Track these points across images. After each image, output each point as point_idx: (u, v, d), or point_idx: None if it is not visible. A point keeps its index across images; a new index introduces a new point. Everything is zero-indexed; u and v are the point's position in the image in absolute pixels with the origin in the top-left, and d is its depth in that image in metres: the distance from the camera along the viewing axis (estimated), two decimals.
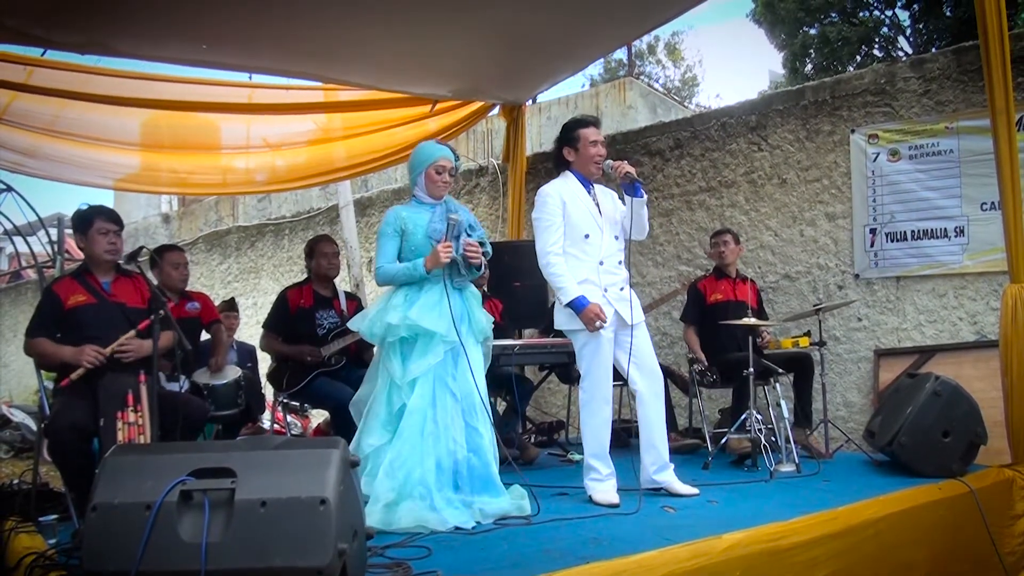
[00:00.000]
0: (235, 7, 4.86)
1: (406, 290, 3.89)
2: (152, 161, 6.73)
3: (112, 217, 4.14)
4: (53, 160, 6.20)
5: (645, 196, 4.18)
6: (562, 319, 4.12)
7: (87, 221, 4.08)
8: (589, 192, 4.20)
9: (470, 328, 3.93)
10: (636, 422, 4.18)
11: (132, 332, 3.88)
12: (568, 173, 4.25)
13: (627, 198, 4.18)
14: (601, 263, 4.10)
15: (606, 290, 4.08)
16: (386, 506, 3.51)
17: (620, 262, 4.19)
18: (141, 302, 4.09)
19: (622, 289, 4.14)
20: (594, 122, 4.30)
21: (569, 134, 4.25)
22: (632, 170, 4.10)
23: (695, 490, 4.10)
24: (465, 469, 3.79)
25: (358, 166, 7.51)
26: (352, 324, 4.07)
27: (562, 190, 4.15)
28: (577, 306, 3.98)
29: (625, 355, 4.12)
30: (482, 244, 4.02)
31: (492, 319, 4.14)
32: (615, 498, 3.95)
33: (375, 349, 4.02)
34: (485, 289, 5.89)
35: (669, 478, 4.12)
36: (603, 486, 4.02)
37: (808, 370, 5.43)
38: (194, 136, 6.66)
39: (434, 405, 3.76)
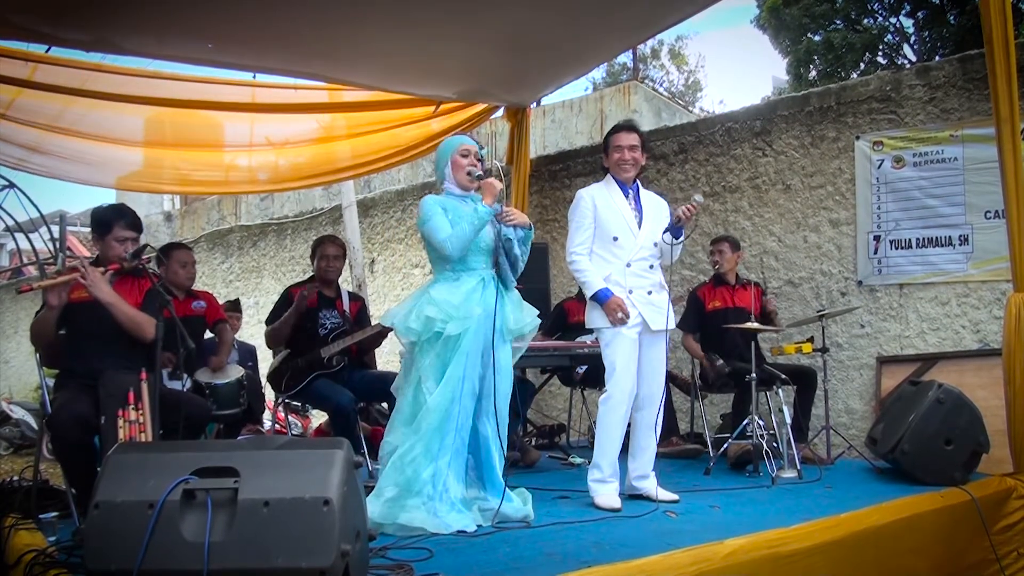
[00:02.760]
0: (241, 7, 4.86)
1: (445, 285, 3.78)
2: (155, 157, 6.71)
3: (132, 223, 4.08)
4: (57, 156, 6.19)
5: (680, 241, 4.24)
6: (591, 317, 4.18)
7: (107, 225, 4.03)
8: (627, 195, 4.26)
9: (502, 326, 3.80)
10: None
11: (76, 275, 3.79)
12: (609, 178, 4.34)
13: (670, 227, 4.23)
14: (628, 265, 4.14)
15: (631, 291, 4.12)
16: (388, 501, 3.47)
17: (652, 266, 4.22)
18: (138, 294, 4.08)
19: (650, 293, 4.16)
20: (624, 127, 4.40)
21: (605, 139, 4.39)
22: (682, 216, 4.12)
23: (675, 496, 4.12)
24: (470, 468, 3.79)
25: (361, 166, 7.50)
26: (386, 320, 3.87)
27: (595, 193, 4.26)
28: (600, 298, 4.08)
29: (640, 360, 4.17)
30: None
31: (535, 317, 3.97)
32: (617, 503, 3.96)
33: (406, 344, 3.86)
34: None
35: (649, 485, 4.17)
36: (605, 489, 4.03)
37: (811, 385, 5.42)
38: (197, 133, 6.65)
39: (456, 402, 3.67)
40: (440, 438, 3.61)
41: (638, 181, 4.37)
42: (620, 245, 4.15)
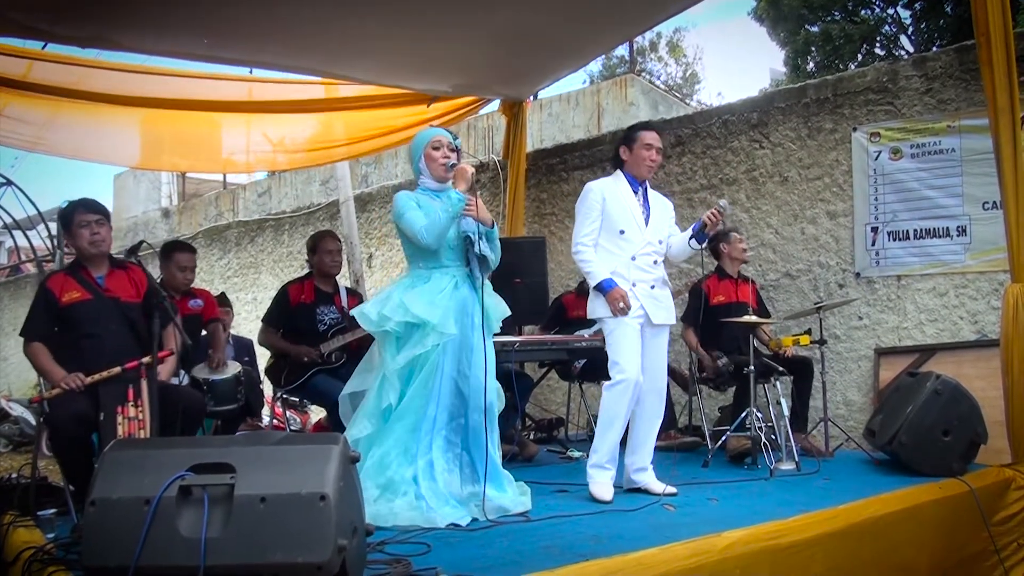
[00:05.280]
0: (237, 2, 4.85)
1: (412, 280, 3.82)
2: (155, 132, 6.67)
3: (91, 207, 4.04)
4: (71, 127, 6.14)
5: (704, 246, 4.30)
6: (594, 307, 4.20)
7: (68, 217, 4.03)
8: (636, 193, 4.27)
9: (484, 321, 3.81)
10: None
11: (118, 369, 3.78)
12: (619, 173, 4.34)
13: (691, 235, 4.25)
14: (633, 258, 4.16)
15: (634, 285, 4.14)
16: (374, 503, 3.47)
17: (656, 262, 4.24)
18: (136, 295, 4.05)
19: (652, 287, 4.19)
20: (656, 127, 4.44)
21: (629, 133, 4.37)
22: (708, 222, 4.15)
23: (673, 489, 4.11)
24: (465, 465, 3.78)
25: (356, 142, 7.44)
26: (354, 311, 3.93)
27: (605, 187, 4.27)
28: (604, 288, 4.09)
29: (642, 354, 4.17)
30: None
31: (505, 306, 4.01)
32: (608, 496, 3.98)
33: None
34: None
35: (648, 479, 4.17)
36: (602, 477, 4.06)
37: (808, 374, 5.42)
38: (195, 129, 6.63)
39: (435, 401, 3.69)
40: (417, 438, 3.63)
41: (647, 180, 4.38)
42: (627, 238, 4.17)
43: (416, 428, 3.64)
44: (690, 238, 4.24)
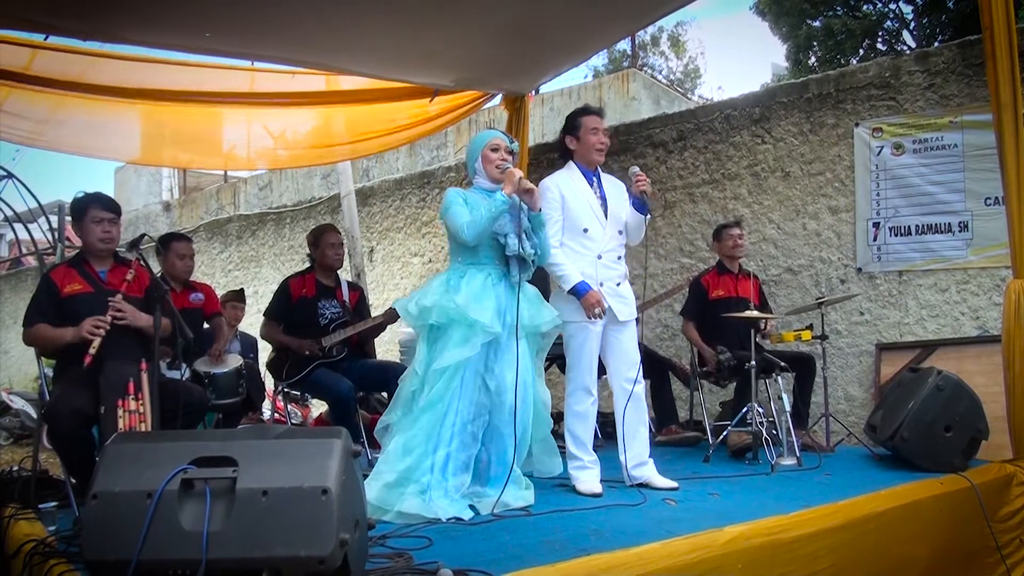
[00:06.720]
0: None
1: (448, 275, 3.84)
2: (156, 126, 6.65)
3: (107, 205, 4.09)
4: (71, 122, 6.12)
5: (648, 217, 4.17)
6: (565, 309, 4.11)
7: (82, 209, 4.05)
8: (591, 183, 4.19)
9: (515, 322, 3.79)
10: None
11: (119, 296, 3.85)
12: (571, 164, 4.26)
13: (633, 206, 4.18)
14: (599, 257, 4.10)
15: (602, 284, 4.08)
16: (385, 485, 3.50)
17: (620, 257, 4.19)
18: (138, 291, 4.08)
19: (619, 284, 4.14)
20: (597, 111, 4.30)
21: (571, 122, 4.28)
22: (647, 189, 4.07)
23: (674, 483, 4.09)
24: (479, 462, 3.80)
25: (358, 142, 7.42)
26: (395, 303, 3.99)
27: (561, 183, 4.17)
28: (579, 291, 4.00)
29: (610, 350, 4.17)
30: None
31: (554, 316, 4.00)
32: (598, 488, 3.97)
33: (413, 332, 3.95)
34: None
35: (648, 473, 4.13)
36: (586, 475, 4.04)
37: (810, 371, 5.41)
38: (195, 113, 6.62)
39: (459, 394, 3.69)
40: (440, 430, 3.63)
41: (598, 167, 4.30)
42: (590, 237, 4.09)
43: (441, 419, 3.64)
44: (642, 213, 4.13)
